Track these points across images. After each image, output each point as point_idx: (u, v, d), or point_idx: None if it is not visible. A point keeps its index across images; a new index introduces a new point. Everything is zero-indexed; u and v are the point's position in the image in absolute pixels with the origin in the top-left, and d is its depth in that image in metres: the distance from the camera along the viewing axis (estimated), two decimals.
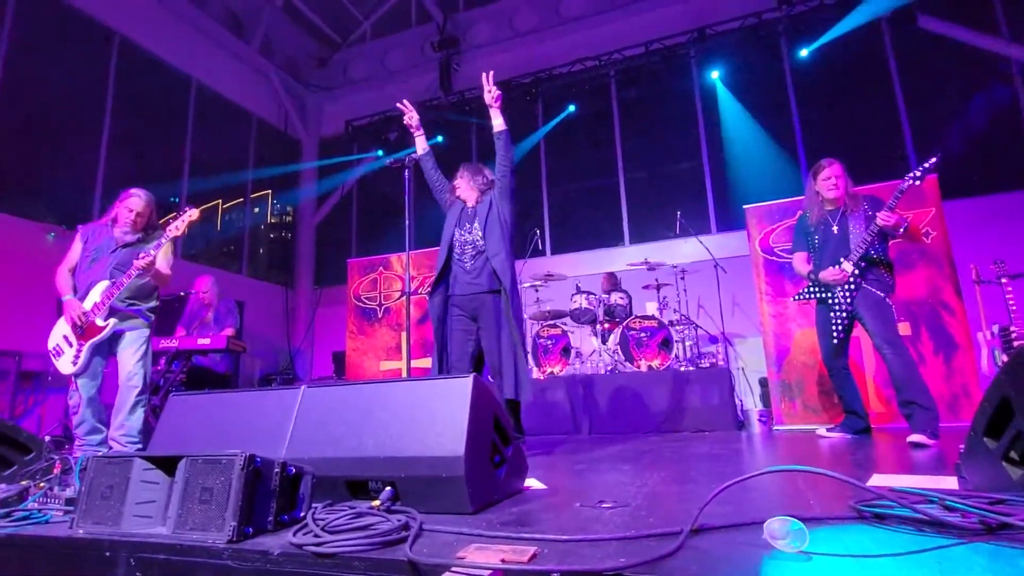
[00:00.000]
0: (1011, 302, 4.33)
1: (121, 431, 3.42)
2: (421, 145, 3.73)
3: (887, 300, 3.37)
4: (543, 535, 1.31)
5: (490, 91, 3.52)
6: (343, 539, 1.28)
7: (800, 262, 3.80)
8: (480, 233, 3.41)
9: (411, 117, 3.73)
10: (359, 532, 1.34)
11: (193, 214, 3.62)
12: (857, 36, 7.77)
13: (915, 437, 3.05)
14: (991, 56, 7.18)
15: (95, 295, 3.47)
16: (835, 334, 3.51)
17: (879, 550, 1.13)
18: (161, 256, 3.56)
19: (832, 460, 2.76)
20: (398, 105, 3.85)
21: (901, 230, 3.33)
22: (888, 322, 3.35)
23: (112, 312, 3.48)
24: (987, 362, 4.28)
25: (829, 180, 3.57)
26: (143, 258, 3.41)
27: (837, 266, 3.47)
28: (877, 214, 3.32)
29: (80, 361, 3.42)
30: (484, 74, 3.61)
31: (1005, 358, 4.18)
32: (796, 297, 3.80)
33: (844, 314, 3.46)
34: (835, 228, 3.56)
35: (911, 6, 7.41)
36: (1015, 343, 4.09)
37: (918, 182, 3.30)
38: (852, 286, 3.42)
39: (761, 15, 8.10)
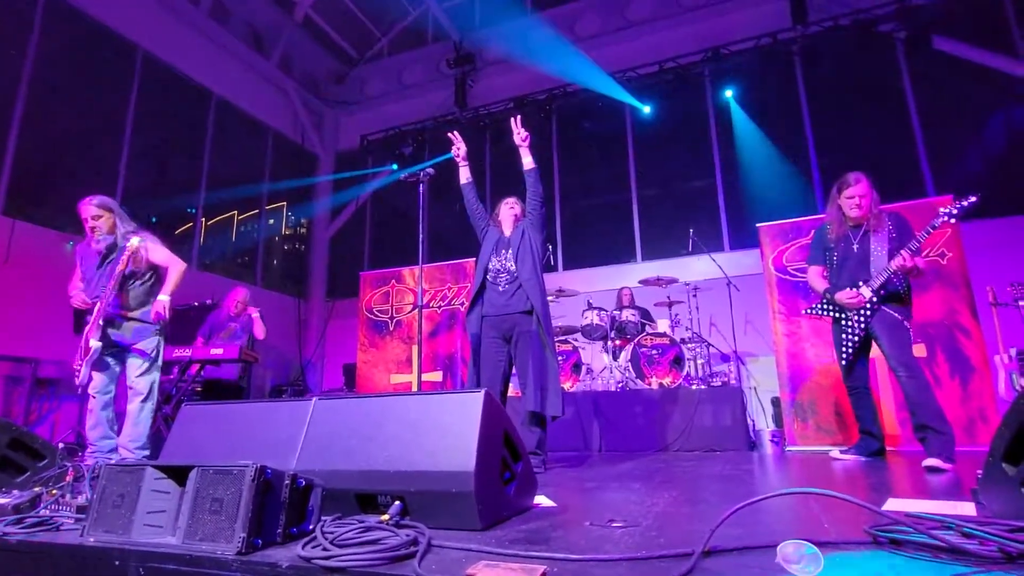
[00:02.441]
0: None
1: (129, 438, 3.56)
2: (465, 175, 3.93)
3: (905, 324, 3.31)
4: (553, 554, 1.30)
5: (519, 133, 3.75)
6: (351, 553, 1.28)
7: (815, 276, 3.69)
8: (513, 262, 3.61)
9: (459, 149, 3.90)
10: (368, 547, 1.33)
11: (133, 243, 3.65)
12: (871, 56, 7.76)
13: (930, 461, 2.99)
14: (1007, 77, 7.13)
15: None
16: (845, 355, 3.46)
17: None
18: (149, 251, 3.73)
19: (846, 483, 2.72)
20: (449, 135, 3.97)
21: (916, 272, 3.27)
22: (904, 345, 3.29)
23: (111, 324, 3.60)
24: (1004, 386, 4.21)
25: (853, 199, 3.43)
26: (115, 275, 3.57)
27: (855, 289, 3.40)
28: (898, 254, 3.23)
29: (82, 376, 3.55)
30: (513, 119, 3.85)
31: (1023, 382, 4.12)
32: (807, 311, 3.73)
33: (856, 337, 3.40)
34: (855, 247, 3.45)
35: (926, 26, 7.40)
36: None
37: (953, 219, 3.17)
38: (868, 310, 3.36)
39: (776, 35, 8.12)
